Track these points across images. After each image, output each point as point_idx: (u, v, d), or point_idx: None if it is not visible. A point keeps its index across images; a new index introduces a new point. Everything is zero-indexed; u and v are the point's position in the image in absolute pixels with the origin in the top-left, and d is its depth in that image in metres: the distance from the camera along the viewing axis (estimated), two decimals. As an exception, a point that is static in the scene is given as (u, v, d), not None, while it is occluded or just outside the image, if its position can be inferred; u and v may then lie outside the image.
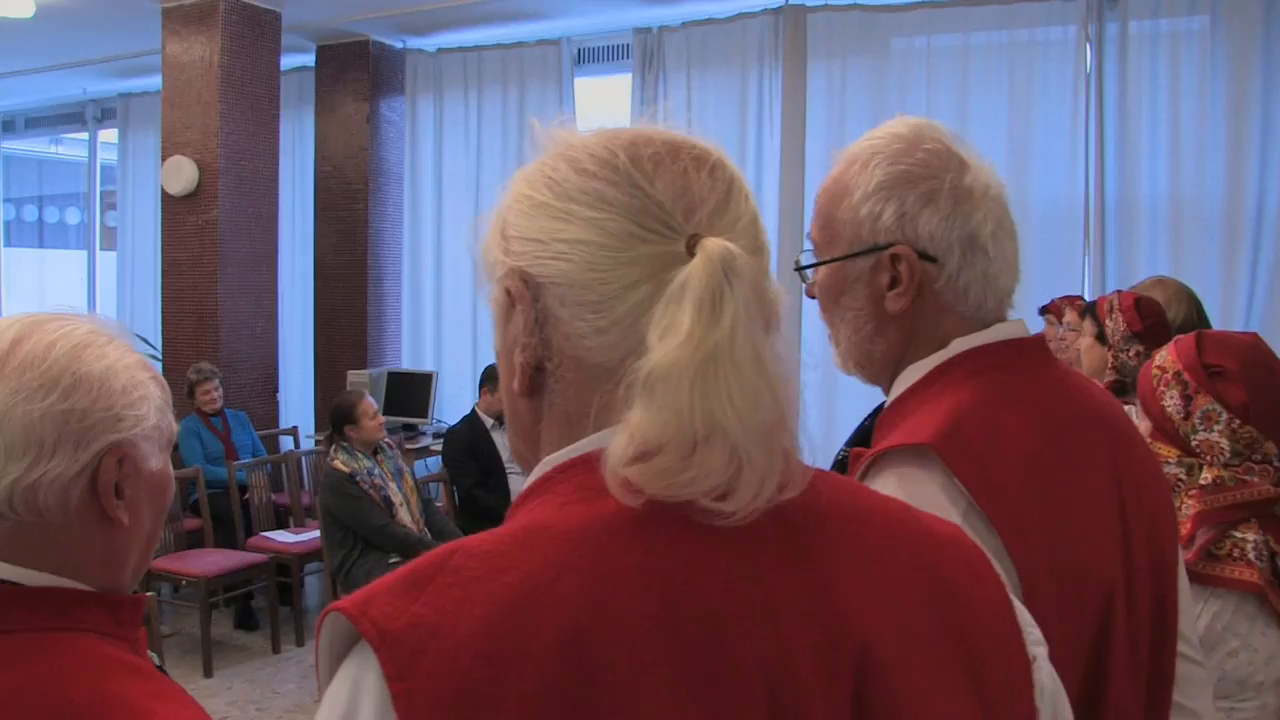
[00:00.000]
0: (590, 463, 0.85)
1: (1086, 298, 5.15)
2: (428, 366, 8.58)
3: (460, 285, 8.62)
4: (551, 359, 0.90)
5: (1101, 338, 3.34)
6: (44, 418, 1.14)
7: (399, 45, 8.79)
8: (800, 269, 1.49)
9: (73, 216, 14.98)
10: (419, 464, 7.36)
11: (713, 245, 0.84)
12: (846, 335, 1.44)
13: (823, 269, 1.44)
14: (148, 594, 1.56)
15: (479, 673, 0.76)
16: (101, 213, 11.91)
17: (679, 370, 0.80)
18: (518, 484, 6.34)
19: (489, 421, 6.43)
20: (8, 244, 12.74)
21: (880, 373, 1.46)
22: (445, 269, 8.76)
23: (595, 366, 0.88)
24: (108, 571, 1.21)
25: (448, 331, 8.76)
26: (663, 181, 0.89)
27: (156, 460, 1.24)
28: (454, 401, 8.33)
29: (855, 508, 0.94)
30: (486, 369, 6.61)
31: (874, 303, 1.40)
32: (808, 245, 1.50)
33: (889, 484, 1.27)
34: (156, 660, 1.28)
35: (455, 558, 0.82)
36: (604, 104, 8.46)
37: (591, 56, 8.34)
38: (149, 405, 1.22)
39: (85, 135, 11.80)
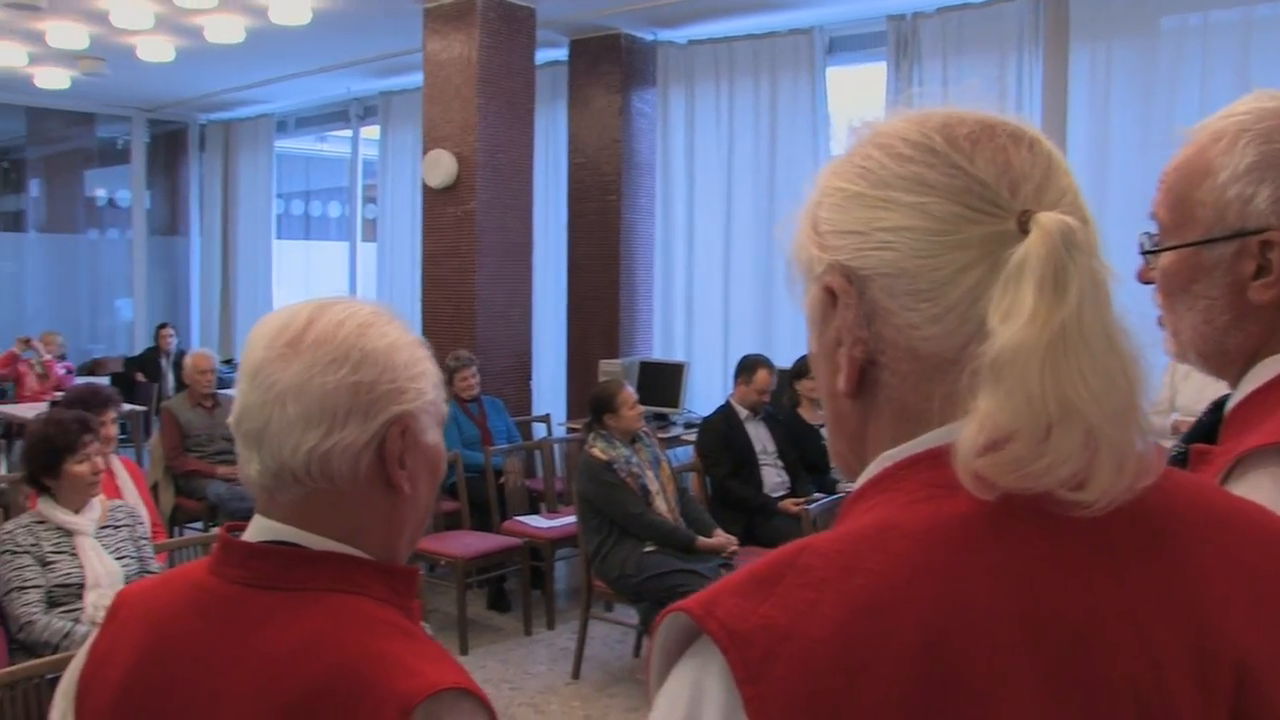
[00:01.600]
0: (936, 458, 0.82)
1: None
2: (679, 357, 8.63)
3: (712, 276, 8.63)
4: (885, 353, 0.86)
5: None
6: (337, 389, 1.20)
7: (650, 38, 8.85)
8: (1147, 253, 1.38)
9: (335, 210, 15.70)
10: (668, 454, 7.38)
11: (1048, 219, 0.80)
12: (1193, 324, 1.32)
13: (1169, 253, 1.33)
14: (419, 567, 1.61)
15: (833, 678, 0.73)
16: (362, 206, 12.42)
17: (1026, 352, 0.77)
18: (771, 476, 6.31)
19: (743, 413, 6.40)
20: (278, 236, 13.42)
21: (1229, 366, 1.33)
22: (697, 260, 8.78)
23: (932, 357, 0.84)
24: (387, 540, 1.27)
25: (699, 322, 8.78)
26: (983, 160, 0.85)
27: (433, 434, 1.30)
28: (704, 392, 8.35)
29: (1212, 508, 0.88)
30: (742, 360, 6.58)
31: (1233, 292, 1.28)
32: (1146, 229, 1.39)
33: (1262, 485, 1.16)
34: (429, 630, 1.33)
35: (803, 557, 0.80)
36: (857, 94, 8.33)
37: (844, 46, 8.22)
38: (427, 381, 1.28)
39: (349, 133, 12.36)
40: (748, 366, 6.49)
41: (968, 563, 0.77)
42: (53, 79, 10.60)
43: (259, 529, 1.24)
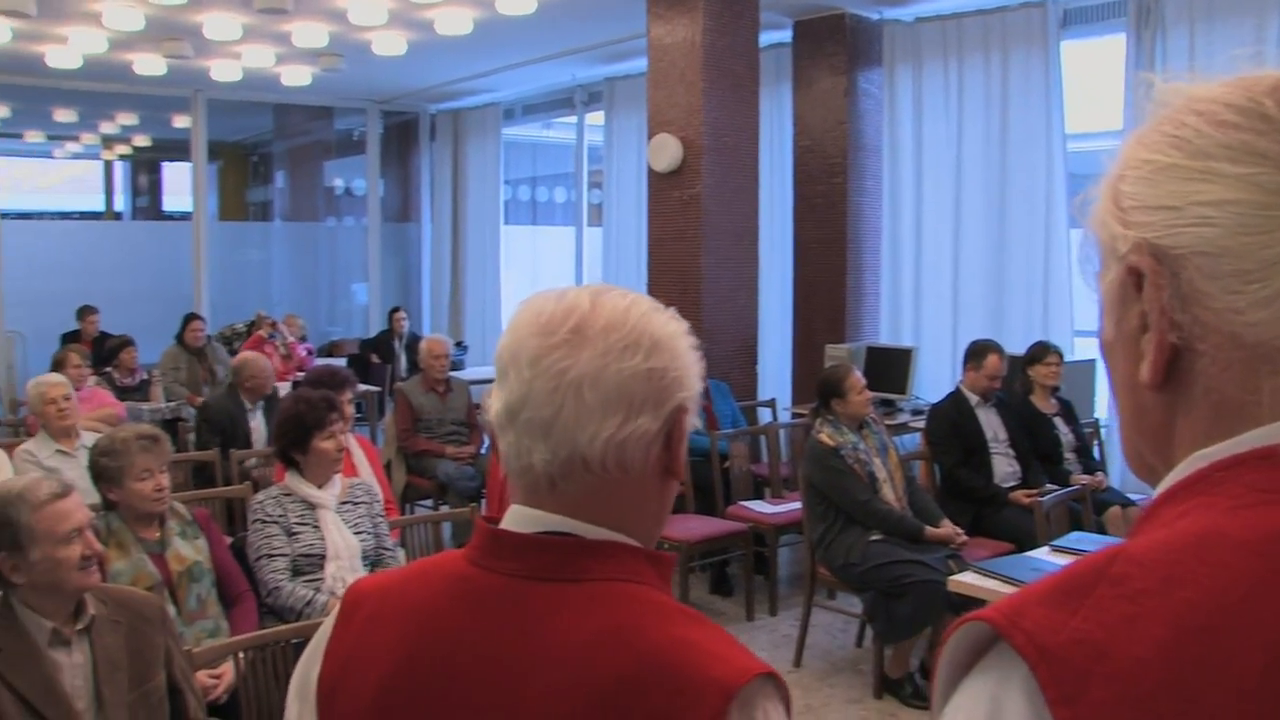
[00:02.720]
0: (1265, 458, 0.74)
1: None
2: (906, 342, 8.45)
3: (940, 259, 8.42)
4: (1204, 340, 0.77)
5: None
6: (633, 376, 1.18)
7: (875, 17, 8.68)
8: None
9: (561, 195, 15.97)
10: (895, 441, 7.24)
11: None
12: None
13: None
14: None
15: (1162, 705, 0.66)
16: (588, 190, 12.59)
17: None
18: (1002, 465, 6.11)
19: (973, 399, 6.21)
20: (506, 222, 13.72)
21: None
22: (925, 242, 8.57)
23: (1259, 345, 0.75)
24: (652, 528, 1.27)
25: (927, 307, 8.58)
26: None
27: (693, 423, 1.28)
28: (932, 378, 8.16)
29: None
30: (971, 345, 6.38)
31: None
32: None
33: None
34: None
35: (1116, 566, 0.72)
36: (1093, 69, 7.98)
37: (1079, 18, 7.84)
38: (697, 370, 1.27)
39: (574, 119, 12.53)
40: (977, 352, 6.30)
41: None
42: (296, 76, 11.10)
43: (527, 519, 1.21)
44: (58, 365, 7.33)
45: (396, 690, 1.19)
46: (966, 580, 4.24)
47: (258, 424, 7.15)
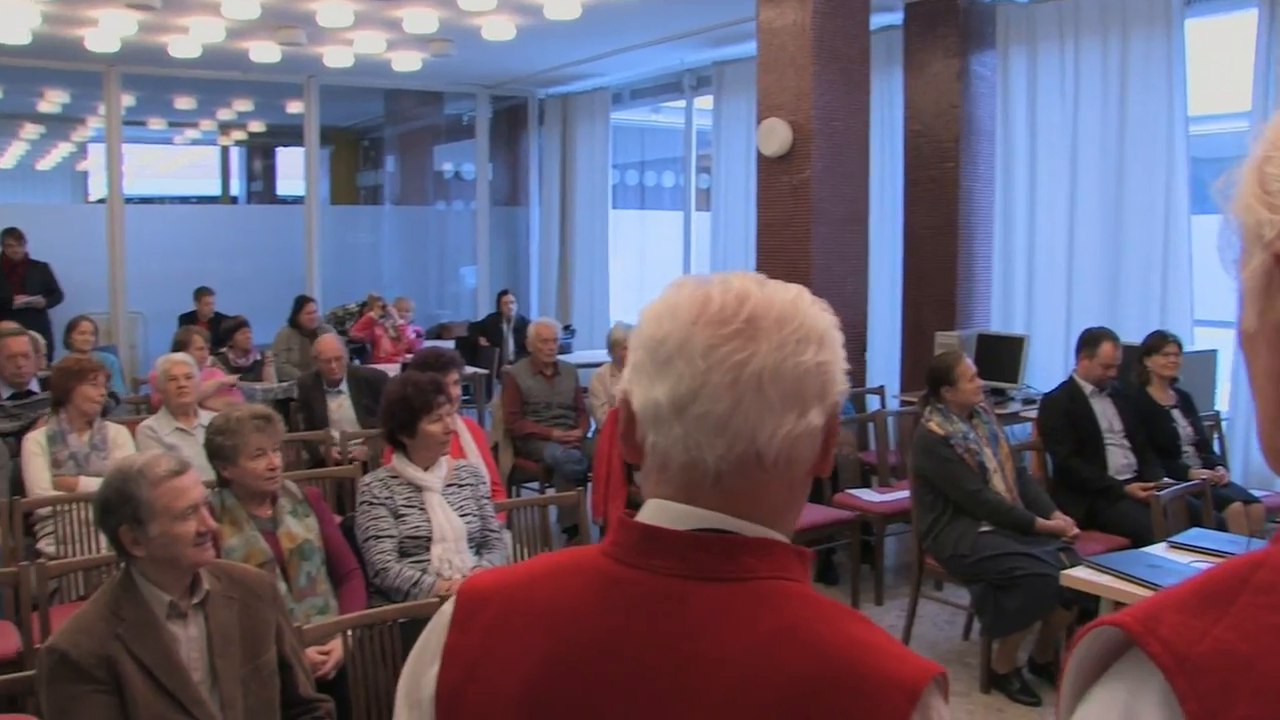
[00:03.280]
0: None
1: None
2: (1018, 330, 8.28)
3: (1054, 246, 8.22)
4: None
5: None
6: (809, 370, 1.15)
7: (990, -1, 8.52)
8: None
9: (669, 179, 15.94)
10: (1006, 430, 7.12)
11: None
12: None
13: None
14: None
15: None
16: (696, 175, 12.55)
17: None
18: (1117, 457, 5.97)
19: (1088, 388, 6.06)
20: (614, 206, 13.72)
21: None
22: (1039, 229, 8.37)
23: None
24: (794, 523, 1.23)
25: (1040, 294, 8.38)
26: None
27: None
28: (1044, 368, 7.99)
29: None
30: (1085, 333, 6.23)
31: None
32: None
33: None
34: None
35: (1261, 573, 0.68)
36: (1220, 49, 7.70)
37: (1207, -5, 7.60)
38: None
39: (682, 103, 12.48)
40: (1091, 339, 6.14)
41: None
42: (407, 62, 11.21)
43: (679, 515, 1.16)
44: (179, 345, 7.51)
45: (540, 698, 1.13)
46: (1079, 575, 4.15)
47: (337, 404, 7.26)
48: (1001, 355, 7.72)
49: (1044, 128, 8.31)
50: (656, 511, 1.17)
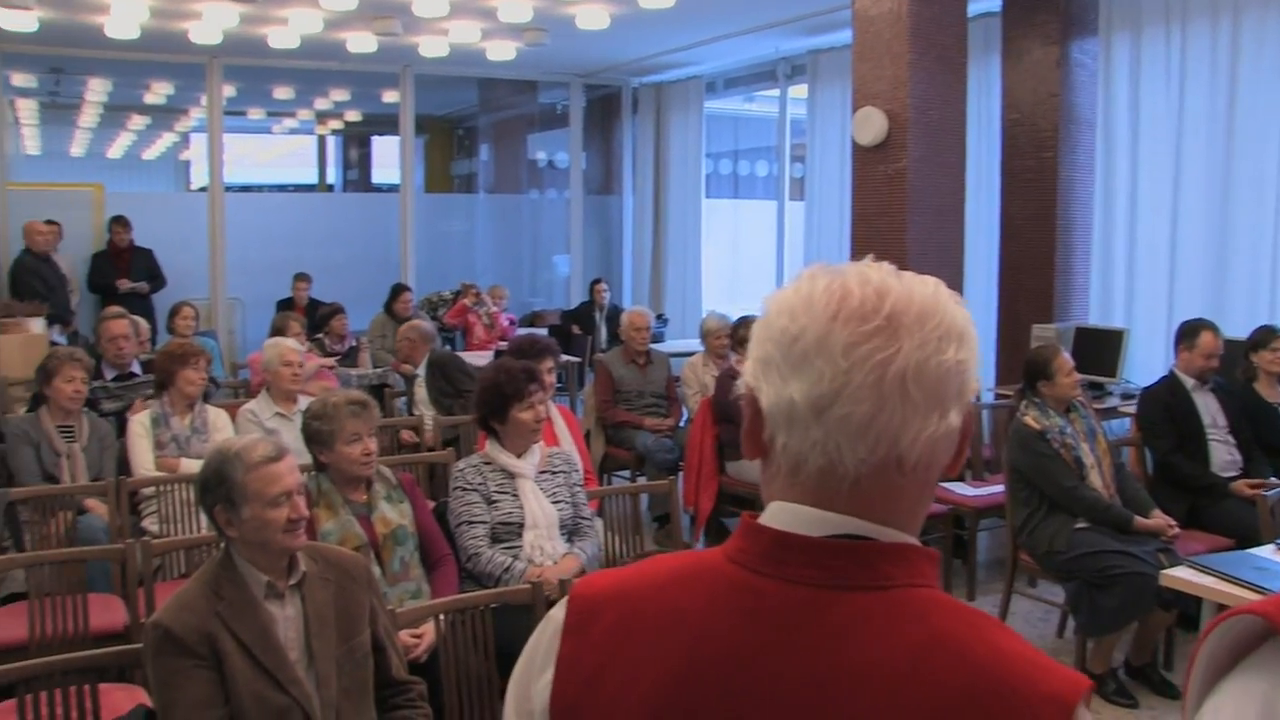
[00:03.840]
0: None
1: None
2: (1118, 323, 8.10)
3: (1156, 238, 8.02)
4: None
5: None
6: (951, 369, 1.09)
7: (1096, -18, 8.34)
8: None
9: (763, 169, 15.86)
10: (1104, 425, 6.99)
11: None
12: None
13: None
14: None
15: None
16: (790, 164, 12.48)
17: None
18: (1221, 453, 5.82)
19: (1189, 382, 5.91)
20: (708, 195, 13.71)
21: None
22: (1140, 220, 8.17)
23: None
24: (921, 525, 1.17)
25: (1140, 287, 8.18)
26: None
27: None
28: (1144, 361, 7.82)
29: None
30: (1183, 325, 6.07)
31: None
32: None
33: None
34: None
35: None
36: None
37: (1325, -23, 7.35)
38: None
39: (776, 92, 12.42)
40: (1189, 330, 5.96)
41: None
42: (501, 51, 11.27)
43: (812, 521, 1.10)
44: (277, 331, 7.64)
45: (672, 711, 1.09)
46: (1180, 575, 4.04)
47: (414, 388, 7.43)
48: (1100, 349, 7.57)
49: (1147, 116, 8.11)
50: (787, 516, 1.12)
